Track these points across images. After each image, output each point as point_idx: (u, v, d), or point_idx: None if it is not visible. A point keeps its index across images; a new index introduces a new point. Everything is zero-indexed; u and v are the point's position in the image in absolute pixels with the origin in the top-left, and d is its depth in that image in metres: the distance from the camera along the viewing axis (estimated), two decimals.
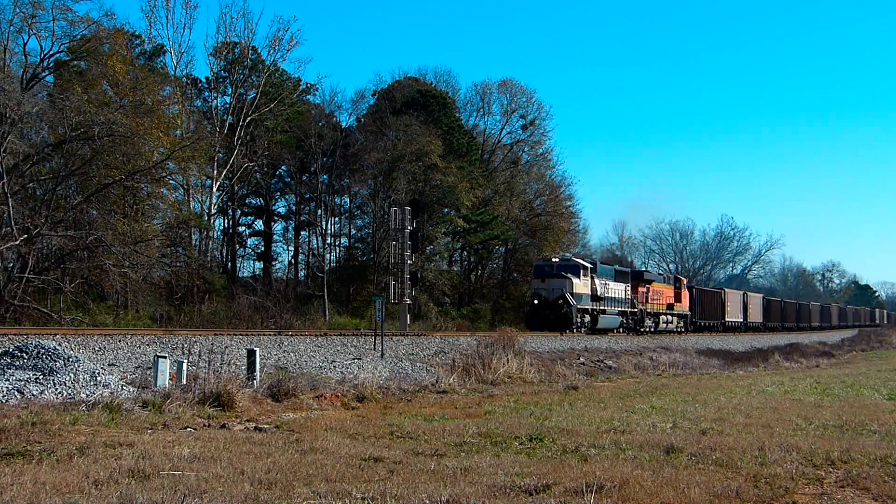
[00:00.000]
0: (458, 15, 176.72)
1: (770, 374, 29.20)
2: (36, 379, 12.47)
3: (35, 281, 31.91)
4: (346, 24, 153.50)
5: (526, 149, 65.89)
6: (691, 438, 11.22)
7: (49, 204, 32.70)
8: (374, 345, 21.86)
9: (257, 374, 15.26)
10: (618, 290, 43.61)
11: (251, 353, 15.50)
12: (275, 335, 21.67)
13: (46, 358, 12.96)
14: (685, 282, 56.25)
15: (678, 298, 52.62)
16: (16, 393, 11.94)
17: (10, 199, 30.09)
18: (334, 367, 18.45)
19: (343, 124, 55.05)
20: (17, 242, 29.78)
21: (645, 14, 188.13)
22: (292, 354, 19.04)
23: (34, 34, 35.06)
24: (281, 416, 12.87)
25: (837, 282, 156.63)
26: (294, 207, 54.33)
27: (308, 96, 54.30)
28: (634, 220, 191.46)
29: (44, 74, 36.45)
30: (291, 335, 22.29)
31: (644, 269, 61.20)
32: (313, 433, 11.14)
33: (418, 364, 21.01)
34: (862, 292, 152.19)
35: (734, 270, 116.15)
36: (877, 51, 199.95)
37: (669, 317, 50.84)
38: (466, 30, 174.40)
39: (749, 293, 74.71)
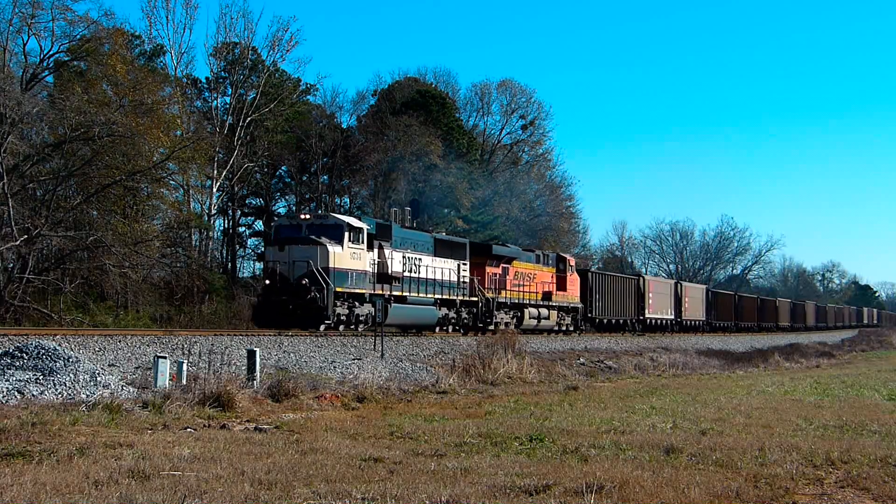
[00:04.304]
0: (458, 15, 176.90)
1: (770, 375, 29.21)
2: (36, 379, 12.46)
3: (35, 281, 31.93)
4: (346, 24, 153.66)
5: (526, 149, 66.01)
6: (691, 439, 11.22)
7: (49, 204, 32.71)
8: (374, 345, 21.85)
9: (257, 374, 15.25)
10: (440, 268, 29.78)
11: (251, 354, 15.49)
12: (275, 336, 21.65)
13: (46, 358, 12.95)
14: (573, 263, 41.64)
15: (562, 285, 38.73)
16: (16, 393, 11.94)
17: (10, 200, 30.10)
18: (334, 367, 18.45)
19: (343, 125, 55.15)
20: (18, 243, 29.80)
21: (645, 14, 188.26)
22: (292, 355, 19.03)
23: (34, 34, 35.17)
24: (281, 417, 12.87)
25: (837, 282, 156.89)
26: (294, 208, 54.38)
27: (308, 97, 54.43)
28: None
29: (44, 75, 36.48)
30: (291, 335, 22.27)
31: (496, 241, 43.23)
32: (313, 433, 11.14)
33: (418, 364, 21.01)
34: (862, 292, 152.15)
35: (734, 271, 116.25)
36: (877, 51, 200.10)
37: (545, 310, 36.60)
38: (466, 30, 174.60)
39: (685, 283, 61.34)
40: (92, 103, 32.89)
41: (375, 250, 26.64)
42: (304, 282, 24.07)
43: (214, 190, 46.16)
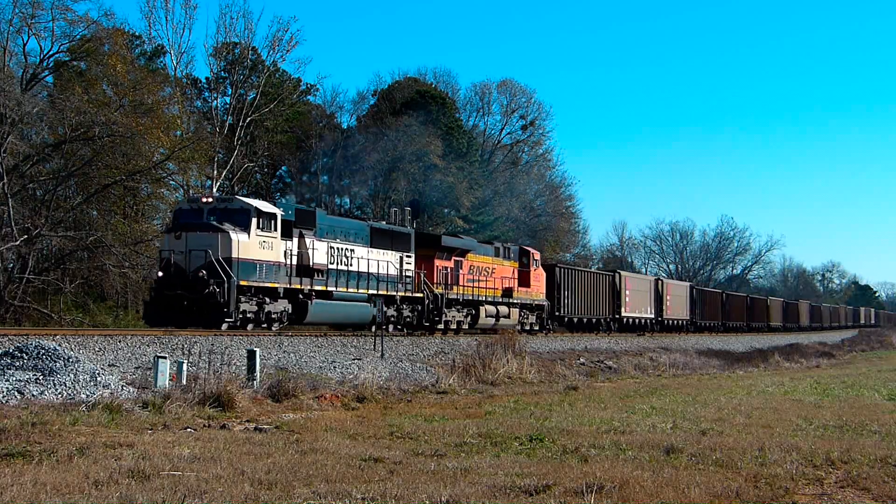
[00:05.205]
0: (458, 15, 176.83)
1: (770, 375, 29.21)
2: (36, 379, 12.46)
3: (35, 281, 31.95)
4: (346, 24, 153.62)
5: (526, 149, 66.09)
6: (691, 439, 11.23)
7: (49, 204, 32.75)
8: (374, 345, 21.85)
9: (257, 374, 15.25)
10: (376, 260, 26.62)
11: (251, 354, 15.49)
12: (275, 335, 21.64)
13: (46, 358, 12.95)
14: (537, 257, 37.87)
15: (525, 281, 35.52)
16: (16, 393, 11.94)
17: (10, 200, 30.13)
18: (334, 367, 18.45)
19: (343, 125, 55.19)
20: (17, 243, 29.83)
21: (645, 14, 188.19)
22: (292, 355, 19.03)
23: (34, 34, 35.13)
24: (281, 417, 12.87)
25: (837, 282, 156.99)
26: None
27: (308, 97, 54.46)
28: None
29: (44, 75, 36.48)
30: (291, 335, 22.26)
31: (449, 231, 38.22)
32: (313, 433, 11.14)
33: (418, 364, 21.01)
34: (862, 292, 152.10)
35: (734, 271, 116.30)
36: (877, 51, 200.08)
37: (504, 308, 33.53)
38: (466, 30, 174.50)
39: (667, 280, 58.31)
40: (92, 103, 32.92)
41: (295, 239, 23.54)
42: (201, 274, 20.88)
43: (214, 190, 46.13)
